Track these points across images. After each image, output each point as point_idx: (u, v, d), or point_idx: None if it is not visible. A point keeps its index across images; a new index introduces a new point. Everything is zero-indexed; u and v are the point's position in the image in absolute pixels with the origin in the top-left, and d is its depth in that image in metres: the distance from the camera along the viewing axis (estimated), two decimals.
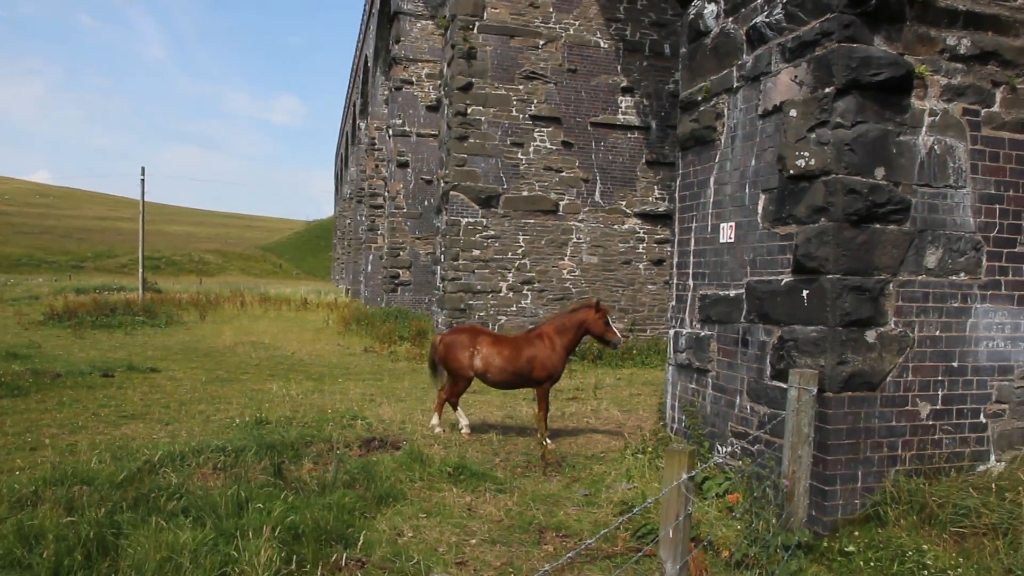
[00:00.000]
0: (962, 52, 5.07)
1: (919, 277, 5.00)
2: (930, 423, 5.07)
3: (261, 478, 5.85)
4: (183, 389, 10.84)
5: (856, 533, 4.66)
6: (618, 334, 7.80)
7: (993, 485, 4.80)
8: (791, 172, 5.13)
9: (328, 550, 4.53)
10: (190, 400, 9.89)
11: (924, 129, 4.98)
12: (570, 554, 2.28)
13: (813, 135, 4.97)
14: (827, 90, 4.88)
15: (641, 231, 16.70)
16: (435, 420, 8.21)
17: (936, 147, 5.01)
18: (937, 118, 5.01)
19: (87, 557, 4.19)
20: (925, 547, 4.33)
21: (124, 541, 4.38)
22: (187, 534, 4.36)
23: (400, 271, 24.39)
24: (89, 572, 4.06)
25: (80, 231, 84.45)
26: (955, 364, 5.12)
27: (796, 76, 5.17)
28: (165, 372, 12.60)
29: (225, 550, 4.26)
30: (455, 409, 8.20)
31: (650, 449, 6.75)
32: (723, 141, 6.14)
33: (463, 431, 8.02)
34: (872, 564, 4.36)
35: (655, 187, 16.76)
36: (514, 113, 15.83)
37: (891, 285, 4.93)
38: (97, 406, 9.25)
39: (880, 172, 4.85)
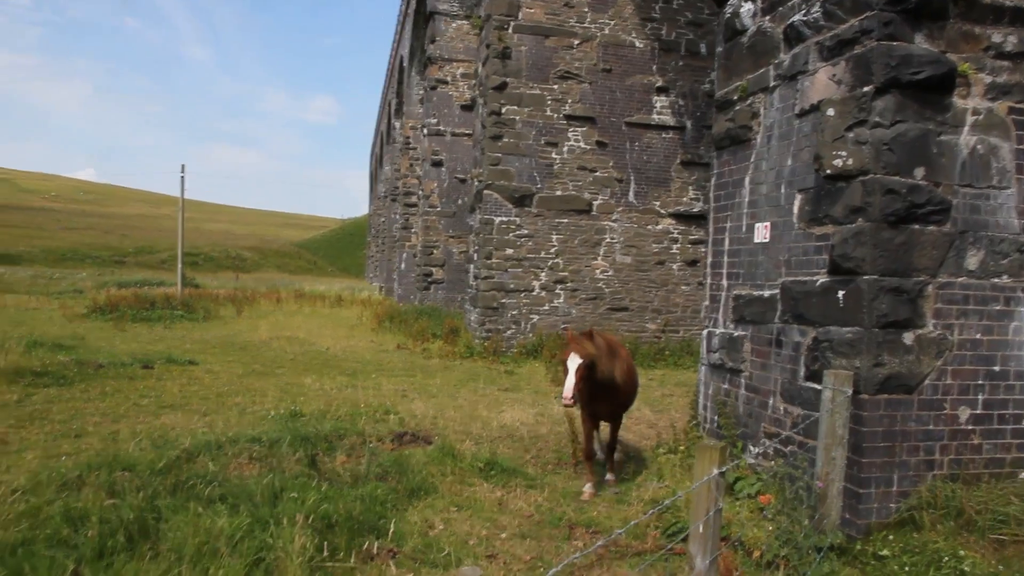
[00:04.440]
0: (1008, 49, 4.96)
1: (959, 279, 4.91)
2: (969, 428, 4.97)
3: (295, 468, 5.97)
4: (220, 381, 11.06)
5: (891, 537, 4.59)
6: (568, 386, 5.52)
7: None
8: (828, 172, 5.07)
9: (360, 540, 4.61)
10: (227, 392, 10.09)
11: (967, 128, 4.89)
12: (600, 542, 2.30)
13: (851, 134, 4.91)
14: (866, 89, 4.81)
15: (675, 231, 16.58)
16: None
17: (979, 147, 4.91)
18: (980, 117, 4.91)
19: (129, 539, 4.33)
20: (963, 553, 4.26)
21: (164, 525, 4.51)
22: (224, 520, 4.47)
23: (433, 269, 24.53)
24: (131, 553, 4.19)
25: (122, 227, 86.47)
26: (996, 368, 5.01)
27: (834, 75, 5.11)
28: (203, 365, 12.85)
29: (261, 536, 4.36)
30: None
31: (682, 448, 6.73)
32: (759, 140, 6.09)
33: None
34: (907, 569, 4.29)
35: (690, 187, 16.63)
36: (548, 113, 15.83)
37: (930, 287, 4.84)
38: (138, 396, 9.49)
39: (920, 172, 4.78)
